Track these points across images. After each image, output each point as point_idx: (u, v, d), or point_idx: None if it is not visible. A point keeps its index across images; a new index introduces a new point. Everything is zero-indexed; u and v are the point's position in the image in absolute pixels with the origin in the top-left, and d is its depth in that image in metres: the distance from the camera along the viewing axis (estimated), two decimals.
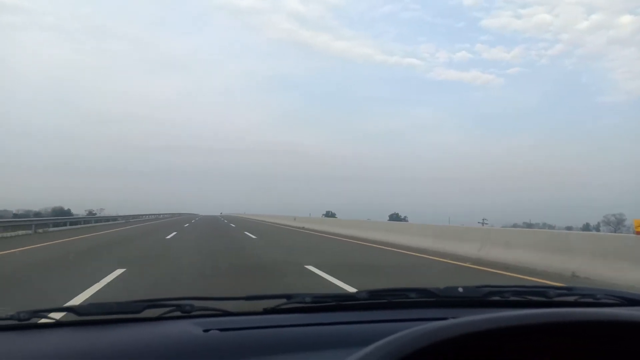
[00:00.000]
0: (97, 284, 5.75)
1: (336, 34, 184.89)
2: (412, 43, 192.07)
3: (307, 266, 7.82)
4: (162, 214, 56.44)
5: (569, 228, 43.58)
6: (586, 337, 0.75)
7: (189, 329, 1.11)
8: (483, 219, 55.49)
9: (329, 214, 71.50)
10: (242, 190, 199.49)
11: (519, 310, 0.89)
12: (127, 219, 36.22)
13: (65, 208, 46.97)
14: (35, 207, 46.03)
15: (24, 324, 1.13)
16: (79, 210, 45.68)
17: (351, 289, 5.34)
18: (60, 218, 25.09)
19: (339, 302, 1.32)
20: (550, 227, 47.23)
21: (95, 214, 41.49)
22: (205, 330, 1.09)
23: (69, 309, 1.16)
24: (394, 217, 77.78)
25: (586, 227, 56.69)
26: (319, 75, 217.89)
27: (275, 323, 1.16)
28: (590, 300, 1.36)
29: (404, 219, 71.96)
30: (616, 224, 59.90)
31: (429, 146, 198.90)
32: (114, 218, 33.61)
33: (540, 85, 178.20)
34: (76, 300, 4.73)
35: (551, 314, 0.74)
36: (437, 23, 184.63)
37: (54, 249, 11.56)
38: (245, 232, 19.72)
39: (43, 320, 1.16)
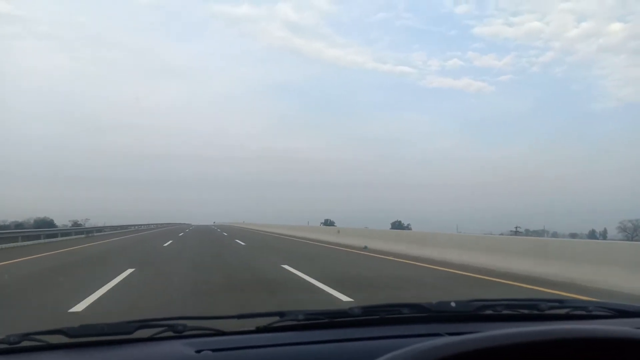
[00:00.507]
0: None
1: (330, 41, 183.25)
2: (405, 51, 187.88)
3: None
4: (150, 225, 53.45)
5: (573, 235, 42.86)
6: (580, 351, 0.78)
7: (181, 349, 1.11)
8: (516, 227, 49.41)
9: (328, 222, 67.46)
10: (235, 199, 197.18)
11: (513, 324, 1.01)
12: (105, 230, 32.52)
13: (49, 218, 44.23)
14: (24, 217, 43.63)
15: (15, 347, 1.13)
16: (64, 220, 43.12)
17: None
18: None
19: (332, 319, 1.31)
20: (552, 234, 45.94)
21: (81, 224, 39.83)
22: (198, 351, 1.08)
23: (60, 331, 1.16)
24: (397, 225, 72.36)
25: (592, 234, 55.02)
26: (314, 82, 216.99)
27: (268, 342, 1.16)
28: (583, 312, 1.38)
29: (407, 227, 66.41)
30: (633, 230, 57.01)
31: (424, 153, 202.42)
32: (88, 230, 28.79)
33: (532, 92, 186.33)
34: None
35: (547, 331, 0.78)
36: (430, 31, 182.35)
37: None
38: (287, 268, 9.46)
39: (34, 344, 1.15)
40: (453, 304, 1.36)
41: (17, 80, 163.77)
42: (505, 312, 1.37)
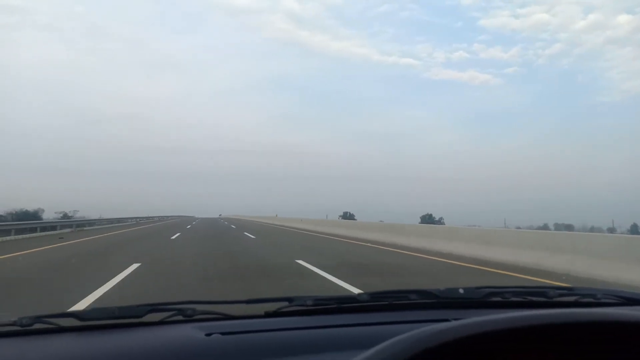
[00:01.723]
0: None
1: (333, 33, 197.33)
2: (410, 43, 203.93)
3: None
4: (147, 218, 53.16)
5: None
6: (589, 337, 0.81)
7: (191, 333, 1.18)
8: None
9: (347, 215, 67.37)
10: (241, 192, 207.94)
11: (520, 311, 0.97)
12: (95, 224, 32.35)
13: (41, 209, 44.05)
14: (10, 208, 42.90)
15: (27, 329, 1.21)
16: (50, 212, 43.36)
17: None
18: None
19: (340, 305, 1.39)
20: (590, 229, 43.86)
21: (72, 216, 40.53)
22: (208, 334, 1.16)
23: (71, 314, 1.24)
24: (427, 219, 71.66)
25: (634, 229, 54.65)
26: (318, 75, 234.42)
27: (277, 326, 1.23)
28: (591, 300, 1.44)
29: (440, 221, 65.74)
30: None
31: (434, 146, 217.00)
32: (69, 225, 27.02)
33: (538, 84, 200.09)
34: None
35: (557, 314, 0.79)
36: (435, 22, 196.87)
37: None
38: None
39: (45, 326, 1.23)
40: (461, 291, 1.43)
41: (14, 70, 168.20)
42: (513, 299, 1.44)
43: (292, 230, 25.99)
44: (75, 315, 1.23)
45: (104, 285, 6.28)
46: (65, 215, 41.88)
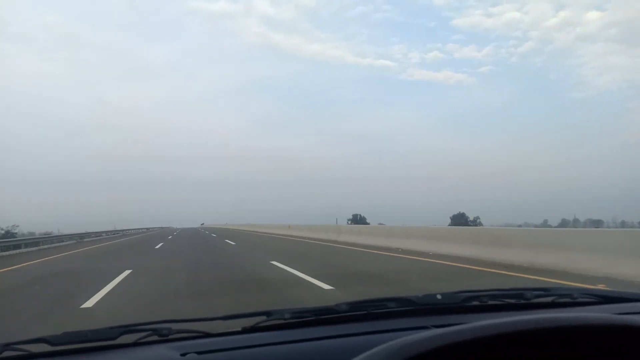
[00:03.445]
0: None
1: (309, 36, 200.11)
2: (385, 44, 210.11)
3: None
4: (118, 231, 51.20)
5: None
6: (565, 337, 0.90)
7: (166, 353, 1.23)
8: None
9: (357, 219, 61.76)
10: (227, 200, 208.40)
11: (498, 315, 1.13)
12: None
13: None
14: None
15: None
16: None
17: None
18: None
19: (318, 317, 1.46)
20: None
21: (16, 233, 38.06)
22: (183, 354, 1.20)
23: (42, 340, 1.28)
24: (459, 220, 65.55)
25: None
26: (295, 79, 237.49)
27: (255, 342, 1.28)
28: (568, 300, 1.58)
29: (475, 222, 59.68)
30: None
31: (414, 145, 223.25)
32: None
33: (512, 82, 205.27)
34: None
35: (538, 320, 0.89)
36: (409, 23, 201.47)
37: None
38: None
39: (16, 353, 1.27)
40: (439, 296, 1.55)
41: None
42: (491, 302, 1.56)
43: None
44: (46, 340, 1.26)
45: None
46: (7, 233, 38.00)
